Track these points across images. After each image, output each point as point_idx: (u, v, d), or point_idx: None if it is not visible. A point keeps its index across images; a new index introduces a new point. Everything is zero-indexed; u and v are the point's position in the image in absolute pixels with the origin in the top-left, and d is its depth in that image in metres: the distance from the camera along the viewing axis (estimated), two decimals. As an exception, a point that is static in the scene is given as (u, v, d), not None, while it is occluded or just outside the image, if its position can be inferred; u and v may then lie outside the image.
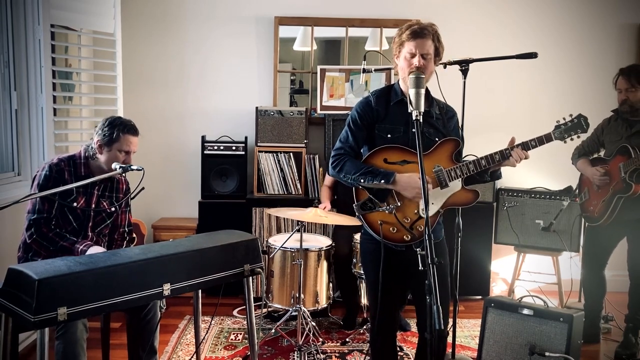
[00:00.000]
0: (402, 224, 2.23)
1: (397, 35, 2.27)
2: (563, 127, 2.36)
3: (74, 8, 3.56)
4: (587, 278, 3.51)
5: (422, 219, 2.23)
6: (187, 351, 3.27)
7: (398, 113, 2.29)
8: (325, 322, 3.77)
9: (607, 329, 3.64)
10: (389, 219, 2.24)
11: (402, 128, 2.27)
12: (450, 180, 2.26)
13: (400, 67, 2.27)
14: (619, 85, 3.25)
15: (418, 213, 2.24)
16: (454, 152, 2.29)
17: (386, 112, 2.30)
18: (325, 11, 4.39)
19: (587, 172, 3.42)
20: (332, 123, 4.20)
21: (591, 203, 3.40)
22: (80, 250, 2.43)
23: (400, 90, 2.33)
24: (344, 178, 2.26)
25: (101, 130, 2.52)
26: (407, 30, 2.21)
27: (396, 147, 2.26)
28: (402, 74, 2.27)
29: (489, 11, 4.45)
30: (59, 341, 2.27)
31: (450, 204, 2.31)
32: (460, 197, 2.31)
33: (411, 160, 2.22)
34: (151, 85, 4.42)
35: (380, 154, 2.26)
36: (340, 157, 2.27)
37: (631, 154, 3.14)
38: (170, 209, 4.52)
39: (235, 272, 2.31)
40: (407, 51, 2.21)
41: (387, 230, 2.25)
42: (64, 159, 2.53)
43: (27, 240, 2.45)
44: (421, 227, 2.23)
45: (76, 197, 2.51)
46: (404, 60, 2.23)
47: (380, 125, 2.29)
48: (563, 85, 4.51)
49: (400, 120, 2.28)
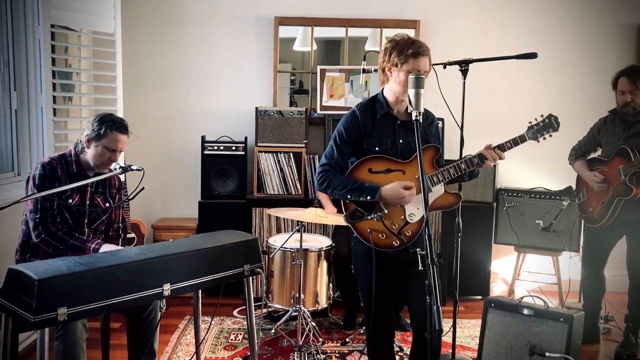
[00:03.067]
0: (390, 231, 2.34)
1: (395, 50, 2.31)
2: (535, 128, 2.47)
3: (74, 8, 3.56)
4: (587, 278, 3.51)
5: (409, 224, 2.35)
6: (187, 351, 3.27)
7: (384, 126, 2.38)
8: (325, 322, 3.77)
9: (607, 329, 3.64)
10: (377, 226, 2.33)
11: (390, 140, 2.37)
12: (433, 185, 2.36)
13: (398, 81, 2.32)
14: (622, 87, 3.18)
15: (405, 219, 2.35)
16: (434, 158, 2.39)
17: (373, 125, 2.38)
18: (325, 11, 4.39)
19: (584, 175, 3.41)
20: (332, 123, 4.19)
21: (590, 204, 3.40)
22: (93, 248, 2.44)
23: (385, 101, 2.40)
24: (332, 194, 2.36)
25: (91, 125, 2.52)
26: (410, 49, 2.27)
27: (380, 157, 2.36)
28: (398, 87, 2.33)
29: (488, 11, 4.45)
30: (58, 341, 2.26)
31: (435, 207, 2.43)
32: (443, 201, 2.42)
33: (395, 169, 2.34)
34: (151, 85, 4.43)
35: (365, 164, 2.36)
36: (327, 174, 2.36)
37: (631, 156, 3.13)
38: (170, 209, 4.52)
39: (235, 272, 2.31)
40: (411, 68, 2.26)
41: (377, 237, 2.34)
42: (55, 158, 2.54)
43: (34, 240, 2.45)
44: (409, 232, 2.35)
45: (71, 194, 2.51)
46: (405, 76, 2.26)
47: (368, 139, 2.37)
48: (563, 85, 4.51)
49: (387, 132, 2.38)
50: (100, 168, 2.53)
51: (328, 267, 3.48)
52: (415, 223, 2.36)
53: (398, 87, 2.34)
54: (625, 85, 3.17)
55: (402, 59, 2.28)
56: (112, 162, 2.53)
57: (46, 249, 2.45)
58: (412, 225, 2.36)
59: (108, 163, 2.53)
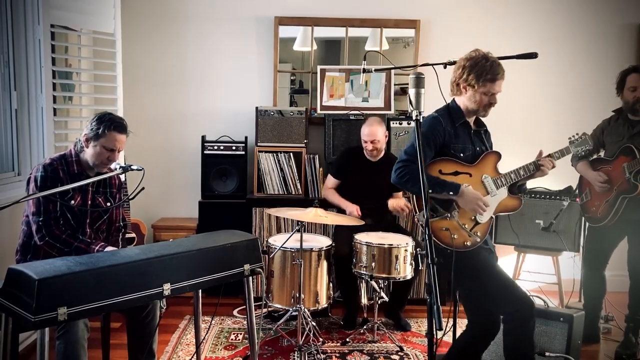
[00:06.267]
0: (464, 229, 2.43)
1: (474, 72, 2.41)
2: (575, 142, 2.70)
3: (74, 8, 3.56)
4: (588, 278, 3.51)
5: (478, 224, 2.46)
6: (187, 351, 3.27)
7: (464, 133, 2.51)
8: (326, 322, 3.77)
9: (607, 329, 3.64)
10: (451, 225, 2.43)
11: (471, 147, 2.51)
12: (498, 188, 2.50)
13: (474, 100, 2.45)
14: (633, 83, 3.18)
15: (475, 219, 2.45)
16: (497, 163, 2.53)
17: (455, 132, 2.48)
18: (325, 11, 4.39)
19: (588, 176, 3.40)
20: (332, 123, 4.20)
21: (593, 204, 3.39)
22: (97, 251, 2.44)
23: (461, 112, 2.51)
24: (412, 188, 2.42)
25: (90, 124, 2.51)
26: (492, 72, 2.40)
27: (448, 160, 2.45)
28: (473, 105, 2.47)
29: (488, 11, 4.45)
30: (59, 341, 2.26)
31: (501, 210, 2.54)
32: (508, 204, 2.55)
33: (462, 171, 2.46)
34: (151, 85, 4.43)
35: (436, 165, 2.45)
36: (407, 168, 2.40)
37: (635, 154, 3.13)
38: (170, 209, 4.52)
39: (235, 272, 2.31)
40: (490, 90, 2.42)
41: (447, 236, 2.42)
42: (55, 159, 2.52)
43: (37, 243, 2.44)
44: (478, 232, 2.46)
45: (72, 195, 2.51)
46: (482, 97, 2.43)
47: (454, 145, 2.48)
48: (563, 85, 4.51)
49: (467, 140, 2.51)
50: (100, 168, 2.53)
51: (328, 267, 3.48)
52: (484, 224, 2.46)
53: (472, 105, 2.47)
54: (636, 81, 3.18)
55: (480, 82, 2.40)
56: (111, 161, 2.52)
57: (50, 251, 2.43)
58: (481, 226, 2.46)
59: (107, 163, 2.52)
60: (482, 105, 2.45)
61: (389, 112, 4.31)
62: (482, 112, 2.50)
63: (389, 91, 4.37)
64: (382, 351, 3.33)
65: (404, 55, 4.46)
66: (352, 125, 4.15)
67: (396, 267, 3.30)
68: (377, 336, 3.49)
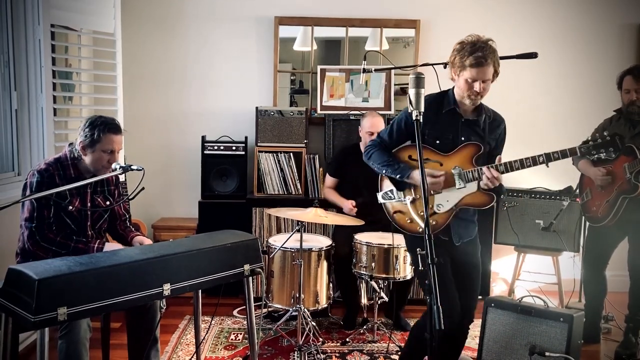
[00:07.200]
0: (418, 216, 2.43)
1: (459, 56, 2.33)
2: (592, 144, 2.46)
3: (74, 8, 3.56)
4: (588, 278, 3.51)
5: (436, 214, 2.43)
6: (187, 351, 3.27)
7: (448, 121, 2.43)
8: (325, 322, 3.77)
9: (607, 329, 3.64)
10: (404, 209, 2.48)
11: (451, 135, 2.42)
12: (467, 181, 2.41)
13: (458, 85, 2.38)
14: (627, 85, 3.20)
15: (433, 208, 2.43)
16: (474, 156, 2.42)
17: (436, 118, 2.42)
18: (325, 11, 4.39)
19: (589, 173, 3.40)
20: (332, 123, 4.20)
21: (594, 203, 3.39)
22: (96, 248, 2.44)
23: (454, 99, 2.43)
24: (372, 166, 2.54)
25: (82, 131, 2.47)
26: (471, 57, 2.29)
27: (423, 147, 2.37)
28: (458, 90, 2.39)
29: (488, 11, 4.45)
30: (62, 340, 2.26)
31: (465, 203, 2.45)
32: (476, 199, 2.45)
33: (433, 159, 2.42)
34: (151, 85, 4.43)
35: (407, 150, 2.48)
36: (373, 148, 2.55)
37: (637, 154, 3.13)
38: (170, 209, 4.52)
39: (235, 272, 2.31)
40: (469, 77, 2.31)
41: (403, 219, 2.51)
42: (51, 164, 2.48)
43: (30, 248, 2.42)
44: (434, 221, 2.43)
45: (71, 199, 2.48)
46: (464, 83, 2.33)
47: (429, 131, 2.43)
48: (563, 85, 4.50)
49: (450, 129, 2.43)
50: (102, 172, 2.50)
51: (328, 267, 3.48)
52: (442, 214, 2.43)
53: (458, 90, 2.40)
54: (630, 84, 3.19)
55: (462, 65, 2.32)
56: (112, 163, 2.50)
57: (45, 256, 2.39)
58: (439, 215, 2.43)
59: (108, 165, 2.50)
60: (464, 91, 2.34)
61: (389, 112, 4.31)
62: (468, 100, 2.37)
63: (389, 91, 4.37)
64: (382, 351, 3.33)
65: (404, 55, 4.46)
66: (352, 125, 4.15)
67: (396, 267, 3.30)
68: (377, 336, 3.50)
